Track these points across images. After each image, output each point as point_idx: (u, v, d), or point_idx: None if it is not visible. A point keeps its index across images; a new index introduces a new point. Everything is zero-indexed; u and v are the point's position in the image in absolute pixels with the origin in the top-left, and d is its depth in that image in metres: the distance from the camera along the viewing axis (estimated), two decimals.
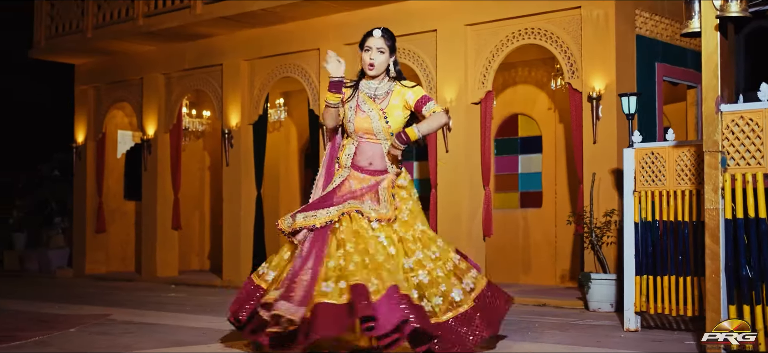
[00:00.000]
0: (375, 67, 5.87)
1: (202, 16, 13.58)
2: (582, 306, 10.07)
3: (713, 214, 5.41)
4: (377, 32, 5.92)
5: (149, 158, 15.31)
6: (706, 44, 5.40)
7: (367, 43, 5.93)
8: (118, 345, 7.04)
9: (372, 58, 5.87)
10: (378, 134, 5.88)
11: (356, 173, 5.94)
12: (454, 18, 11.59)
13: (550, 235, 12.97)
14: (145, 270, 15.34)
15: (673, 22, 11.31)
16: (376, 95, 5.92)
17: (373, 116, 5.85)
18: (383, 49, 5.89)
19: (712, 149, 5.40)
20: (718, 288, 5.40)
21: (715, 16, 5.33)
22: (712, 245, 5.43)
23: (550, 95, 12.99)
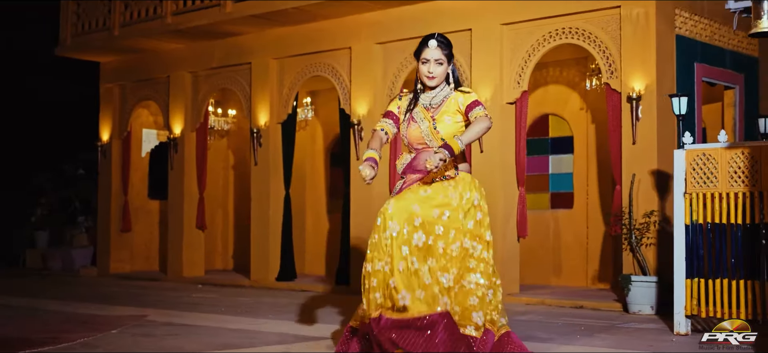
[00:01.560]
0: (436, 78, 5.71)
1: (231, 15, 13.50)
2: (620, 309, 9.97)
3: None
4: (433, 43, 5.73)
5: (176, 156, 15.23)
6: None
7: (424, 55, 5.75)
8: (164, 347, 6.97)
9: (431, 71, 5.70)
10: (429, 142, 5.71)
11: (411, 175, 5.79)
12: (489, 17, 11.49)
13: (582, 236, 12.86)
14: (171, 269, 15.26)
15: (712, 22, 11.20)
16: (431, 104, 5.77)
17: (423, 126, 5.72)
18: (441, 60, 5.71)
19: None
20: None
21: None
22: None
23: (582, 95, 12.88)
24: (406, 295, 5.37)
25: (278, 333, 7.68)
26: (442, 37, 5.83)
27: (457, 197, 5.65)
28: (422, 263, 5.48)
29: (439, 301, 5.41)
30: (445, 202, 5.61)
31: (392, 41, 12.49)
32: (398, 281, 5.40)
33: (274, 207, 13.90)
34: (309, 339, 7.35)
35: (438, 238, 5.57)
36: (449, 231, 5.59)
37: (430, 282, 5.44)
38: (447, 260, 5.56)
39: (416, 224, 5.53)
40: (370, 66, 12.60)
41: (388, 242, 5.49)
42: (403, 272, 5.42)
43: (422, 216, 5.54)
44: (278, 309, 9.87)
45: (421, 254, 5.51)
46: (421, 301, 5.39)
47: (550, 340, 7.38)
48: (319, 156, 16.15)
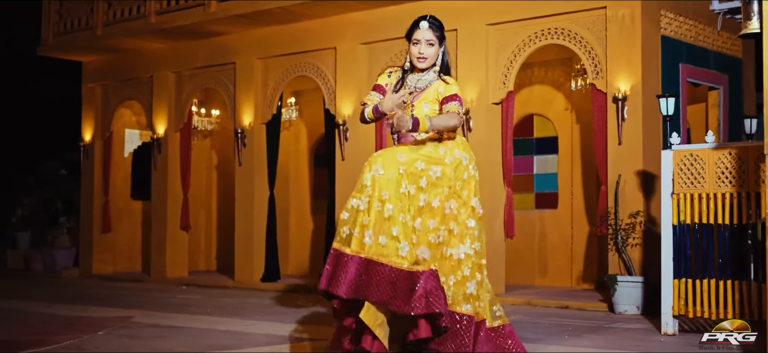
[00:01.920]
0: (427, 60, 5.52)
1: (215, 14, 13.45)
2: (606, 309, 9.99)
3: None
4: (424, 23, 5.57)
5: (159, 157, 15.17)
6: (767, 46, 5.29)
7: (415, 36, 5.57)
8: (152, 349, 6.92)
9: (421, 51, 5.51)
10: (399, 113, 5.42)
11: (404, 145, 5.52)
12: (475, 17, 11.49)
13: (566, 237, 12.88)
14: (155, 270, 15.19)
15: (696, 23, 11.24)
16: (416, 87, 5.57)
17: (398, 99, 5.45)
18: (432, 41, 5.54)
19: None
20: None
21: None
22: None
23: (566, 95, 12.89)
24: (374, 236, 5.18)
25: (266, 335, 7.65)
26: (434, 18, 5.67)
27: (448, 154, 5.43)
28: (400, 212, 5.26)
29: (408, 258, 5.20)
30: (434, 156, 5.40)
31: (377, 41, 12.47)
32: (371, 220, 5.21)
33: (258, 208, 13.86)
34: (297, 340, 7.33)
35: (421, 190, 5.35)
36: (439, 187, 5.37)
37: (397, 233, 5.21)
38: (438, 218, 5.37)
39: (400, 171, 5.31)
40: (355, 66, 12.58)
41: (368, 183, 5.31)
42: (378, 213, 5.22)
43: (405, 165, 5.33)
44: (264, 310, 9.83)
45: (403, 203, 5.30)
46: (383, 247, 5.18)
47: (539, 340, 7.38)
48: (303, 156, 16.11)
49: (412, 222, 5.28)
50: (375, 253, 5.16)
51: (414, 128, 5.24)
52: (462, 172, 5.47)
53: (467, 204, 5.46)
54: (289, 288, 13.04)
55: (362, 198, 5.25)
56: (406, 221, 5.24)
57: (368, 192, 5.24)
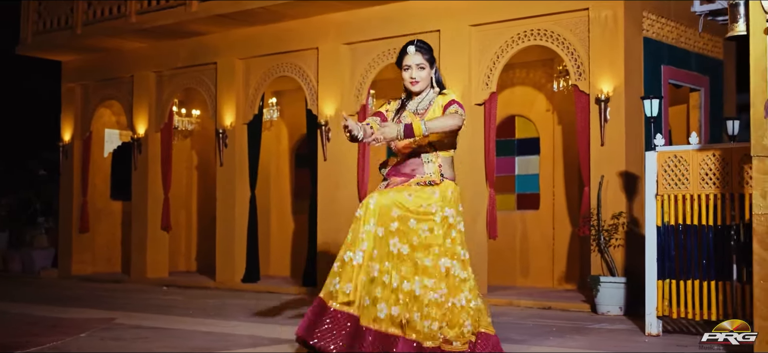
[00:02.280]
0: (419, 83, 5.71)
1: (197, 14, 13.39)
2: (588, 309, 10.02)
3: (762, 220, 5.35)
4: (412, 48, 5.71)
5: (139, 157, 15.09)
6: (754, 48, 5.33)
7: (405, 62, 5.73)
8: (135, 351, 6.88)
9: (414, 76, 5.69)
10: (414, 144, 5.67)
11: (395, 179, 5.75)
12: (458, 18, 11.49)
13: (548, 237, 12.91)
14: (135, 270, 15.11)
15: (678, 25, 11.29)
16: (418, 109, 5.74)
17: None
18: (422, 65, 5.69)
19: (761, 154, 5.33)
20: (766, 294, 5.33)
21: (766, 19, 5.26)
22: (760, 252, 5.37)
23: (548, 96, 12.92)
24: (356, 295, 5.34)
25: (251, 336, 7.62)
26: (421, 42, 5.81)
27: (439, 208, 5.56)
28: (387, 271, 5.43)
29: (386, 320, 5.37)
30: (427, 213, 5.54)
31: (360, 42, 12.46)
32: (357, 278, 5.37)
33: (239, 208, 13.81)
34: (282, 341, 7.29)
35: (414, 250, 5.51)
36: (431, 247, 5.53)
37: (380, 294, 5.39)
38: (431, 275, 5.52)
39: (392, 228, 5.47)
40: (338, 67, 12.56)
41: (364, 236, 5.42)
42: (367, 271, 5.39)
43: (399, 222, 5.48)
44: (248, 311, 9.79)
45: (392, 262, 5.45)
46: (366, 308, 5.37)
47: (524, 341, 7.39)
48: (284, 157, 16.07)
49: (400, 283, 5.37)
50: (356, 310, 5.34)
51: (408, 134, 5.32)
52: (450, 230, 5.62)
53: (458, 257, 5.63)
54: (270, 288, 13.01)
55: (356, 253, 5.40)
56: (391, 282, 5.34)
57: (363, 247, 5.40)
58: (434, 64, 5.79)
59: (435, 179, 5.64)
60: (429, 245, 5.51)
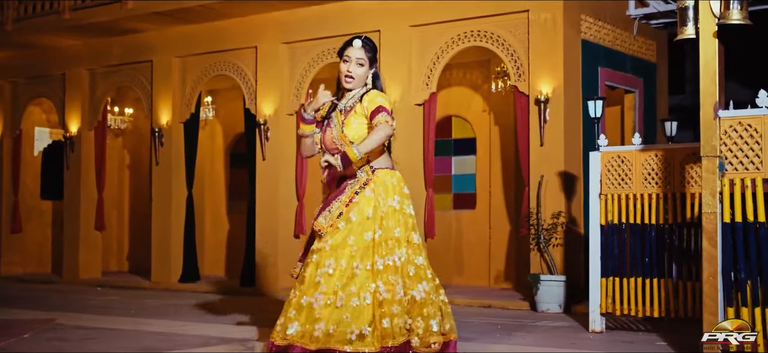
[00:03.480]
0: (354, 80, 5.48)
1: (133, 11, 13.24)
2: (528, 307, 10.16)
3: (711, 218, 5.49)
4: (358, 42, 5.50)
5: (72, 156, 14.87)
6: (704, 51, 5.47)
7: (347, 53, 5.51)
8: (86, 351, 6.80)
9: (350, 70, 5.46)
10: (340, 146, 5.45)
11: (332, 184, 5.66)
12: (398, 19, 11.57)
13: (484, 237, 13.05)
14: (67, 271, 14.89)
15: (614, 28, 11.52)
16: (345, 107, 5.55)
17: (334, 131, 5.50)
18: (363, 61, 5.48)
19: (710, 154, 5.48)
20: (715, 290, 5.49)
21: (716, 23, 5.41)
22: (709, 249, 5.51)
23: (485, 97, 13.07)
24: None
25: (200, 336, 7.57)
26: (368, 39, 5.63)
27: (372, 208, 5.40)
28: (353, 297, 5.30)
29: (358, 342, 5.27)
30: (373, 218, 5.40)
31: (299, 41, 12.46)
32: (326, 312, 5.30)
33: (176, 208, 13.70)
34: (232, 340, 7.26)
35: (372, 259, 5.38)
36: (384, 246, 5.37)
37: (349, 319, 5.27)
38: (396, 273, 5.36)
39: (353, 252, 5.35)
40: (277, 66, 12.54)
41: (321, 280, 5.32)
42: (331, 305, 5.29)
43: (357, 244, 5.36)
44: (190, 311, 9.73)
45: (357, 284, 5.33)
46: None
47: (472, 339, 7.46)
48: (218, 156, 15.99)
49: (367, 301, 5.30)
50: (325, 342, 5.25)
51: (345, 164, 5.28)
52: (398, 217, 5.47)
53: (411, 243, 5.49)
54: (208, 288, 12.93)
55: (316, 296, 5.31)
56: (360, 302, 5.28)
57: (322, 289, 5.30)
58: (374, 66, 5.59)
59: (362, 176, 5.49)
60: (381, 244, 5.37)
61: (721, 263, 5.54)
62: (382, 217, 5.39)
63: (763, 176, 5.51)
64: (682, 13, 5.73)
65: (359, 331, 5.20)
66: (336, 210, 5.39)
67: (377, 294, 5.27)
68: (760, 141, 5.51)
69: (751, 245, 5.54)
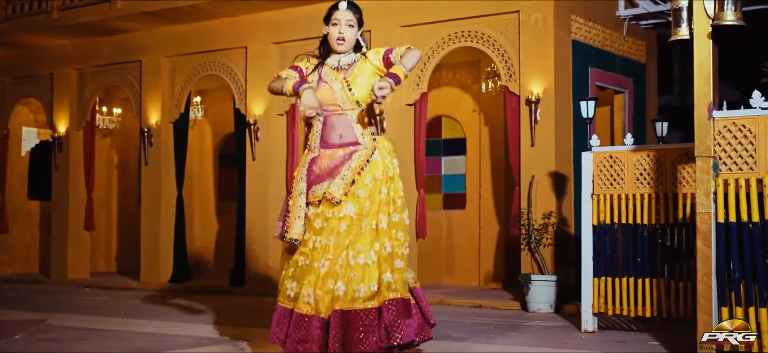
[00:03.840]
0: (345, 41, 5.46)
1: (122, 11, 13.21)
2: (519, 307, 10.17)
3: (705, 218, 5.50)
4: (343, 5, 5.47)
5: (60, 156, 14.82)
6: (698, 52, 5.48)
7: (335, 17, 5.48)
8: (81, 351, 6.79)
9: (342, 32, 5.44)
10: (343, 104, 5.42)
11: (325, 150, 5.48)
12: (389, 19, 11.56)
13: (474, 237, 13.06)
14: (55, 271, 14.84)
15: (604, 28, 11.54)
16: (340, 65, 5.50)
17: (335, 87, 5.43)
18: (352, 22, 5.47)
19: (704, 155, 5.49)
20: (709, 290, 5.49)
21: (710, 24, 5.42)
22: (703, 249, 5.52)
23: (475, 97, 13.09)
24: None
25: (192, 336, 7.54)
26: (352, 2, 5.58)
27: (381, 170, 5.38)
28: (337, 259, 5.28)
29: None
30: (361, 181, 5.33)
31: (289, 41, 12.45)
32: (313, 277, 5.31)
33: (165, 208, 13.67)
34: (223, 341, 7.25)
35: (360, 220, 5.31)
36: (371, 215, 5.31)
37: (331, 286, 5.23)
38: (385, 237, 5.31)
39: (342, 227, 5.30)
40: (268, 66, 12.52)
41: (310, 244, 5.36)
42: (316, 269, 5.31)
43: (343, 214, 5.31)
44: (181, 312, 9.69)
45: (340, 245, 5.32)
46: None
47: (465, 339, 7.47)
48: (207, 156, 15.96)
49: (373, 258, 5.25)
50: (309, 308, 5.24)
51: (397, 82, 5.22)
52: (398, 179, 5.51)
53: (396, 205, 5.47)
54: (198, 289, 12.90)
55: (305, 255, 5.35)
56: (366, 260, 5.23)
57: (309, 248, 5.33)
58: (361, 27, 5.58)
59: (365, 144, 5.44)
60: (393, 199, 5.44)
61: (715, 264, 5.55)
62: (390, 178, 5.44)
63: (757, 177, 5.52)
64: (676, 13, 5.73)
65: (368, 288, 5.19)
66: (349, 177, 5.33)
67: (383, 250, 5.26)
68: (754, 141, 5.52)
69: (745, 245, 5.55)
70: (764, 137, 5.52)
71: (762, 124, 5.53)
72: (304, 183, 5.48)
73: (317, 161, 5.49)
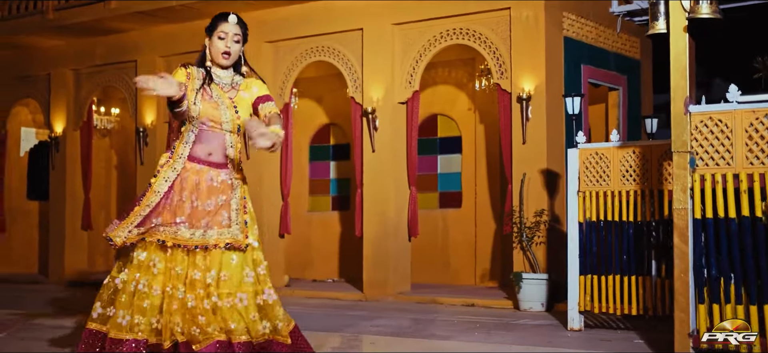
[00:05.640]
0: (231, 56, 5.25)
1: (116, 11, 13.20)
2: (511, 306, 10.12)
3: (682, 214, 5.46)
4: (233, 18, 5.31)
5: (57, 156, 14.83)
6: (674, 45, 5.43)
7: (223, 29, 5.26)
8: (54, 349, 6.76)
9: (228, 46, 5.23)
10: (225, 124, 5.20)
11: (192, 164, 5.21)
12: (381, 17, 11.53)
13: (470, 235, 13.01)
14: (53, 271, 14.84)
15: (597, 25, 11.48)
16: (223, 84, 5.29)
17: (221, 104, 5.20)
18: (239, 38, 5.30)
19: (681, 150, 5.44)
20: (686, 287, 5.45)
21: (686, 17, 5.37)
22: (680, 245, 5.47)
23: (470, 95, 13.03)
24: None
25: None
26: (240, 17, 5.42)
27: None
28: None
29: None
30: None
31: (283, 40, 12.43)
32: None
33: None
34: None
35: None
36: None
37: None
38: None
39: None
40: (260, 65, 12.43)
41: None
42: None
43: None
44: None
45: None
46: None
47: (450, 338, 7.44)
48: None
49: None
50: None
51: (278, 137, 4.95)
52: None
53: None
54: None
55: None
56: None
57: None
58: (244, 44, 5.40)
59: (226, 163, 5.24)
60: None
61: (692, 260, 5.50)
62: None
63: (734, 172, 5.47)
64: (653, 7, 5.69)
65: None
66: (241, 218, 5.18)
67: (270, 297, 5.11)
68: (731, 136, 5.48)
69: (722, 241, 5.50)
70: (740, 131, 5.48)
71: (738, 118, 5.49)
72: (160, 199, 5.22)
73: (181, 180, 5.22)
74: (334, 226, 14.37)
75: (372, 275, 11.48)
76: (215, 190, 5.17)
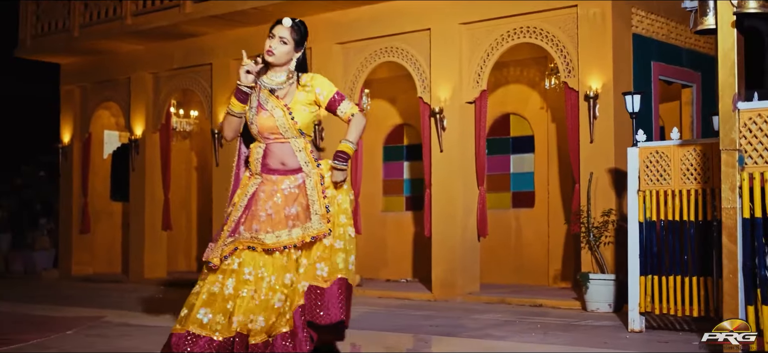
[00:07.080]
0: (273, 55, 5.41)
1: (191, 15, 13.45)
2: (579, 307, 10.01)
3: (731, 213, 5.35)
4: (287, 21, 5.52)
5: (137, 158, 15.16)
6: (722, 42, 5.34)
7: (274, 30, 5.54)
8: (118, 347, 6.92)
9: (272, 45, 5.44)
10: (285, 132, 5.31)
11: (268, 176, 5.37)
12: (448, 17, 11.51)
13: (543, 235, 12.90)
14: (133, 271, 15.18)
15: (668, 21, 11.27)
16: (276, 89, 5.43)
17: (276, 114, 5.32)
18: (286, 40, 5.45)
19: (729, 148, 5.34)
20: (735, 288, 5.34)
21: (733, 12, 5.26)
22: (729, 245, 5.36)
23: (542, 94, 12.93)
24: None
25: None
26: (300, 22, 5.59)
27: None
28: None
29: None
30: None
31: (352, 41, 12.50)
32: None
33: None
34: None
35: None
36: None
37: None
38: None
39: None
40: (331, 65, 12.57)
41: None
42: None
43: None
44: None
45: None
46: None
47: (504, 338, 7.41)
48: None
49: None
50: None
51: (347, 159, 5.20)
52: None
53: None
54: None
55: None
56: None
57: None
58: (301, 50, 5.53)
59: (300, 167, 5.36)
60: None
61: (741, 260, 5.38)
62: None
63: None
64: (702, 3, 5.60)
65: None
66: (321, 206, 5.28)
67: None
68: None
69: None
70: None
71: None
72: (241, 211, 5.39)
73: (260, 191, 5.38)
74: (408, 226, 14.39)
75: (441, 275, 11.48)
76: (292, 195, 5.29)
